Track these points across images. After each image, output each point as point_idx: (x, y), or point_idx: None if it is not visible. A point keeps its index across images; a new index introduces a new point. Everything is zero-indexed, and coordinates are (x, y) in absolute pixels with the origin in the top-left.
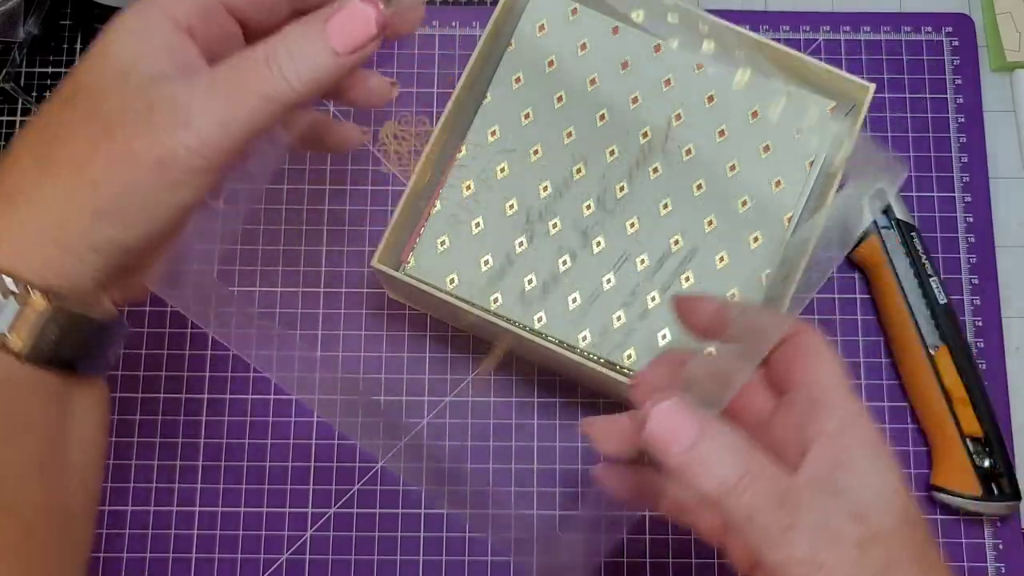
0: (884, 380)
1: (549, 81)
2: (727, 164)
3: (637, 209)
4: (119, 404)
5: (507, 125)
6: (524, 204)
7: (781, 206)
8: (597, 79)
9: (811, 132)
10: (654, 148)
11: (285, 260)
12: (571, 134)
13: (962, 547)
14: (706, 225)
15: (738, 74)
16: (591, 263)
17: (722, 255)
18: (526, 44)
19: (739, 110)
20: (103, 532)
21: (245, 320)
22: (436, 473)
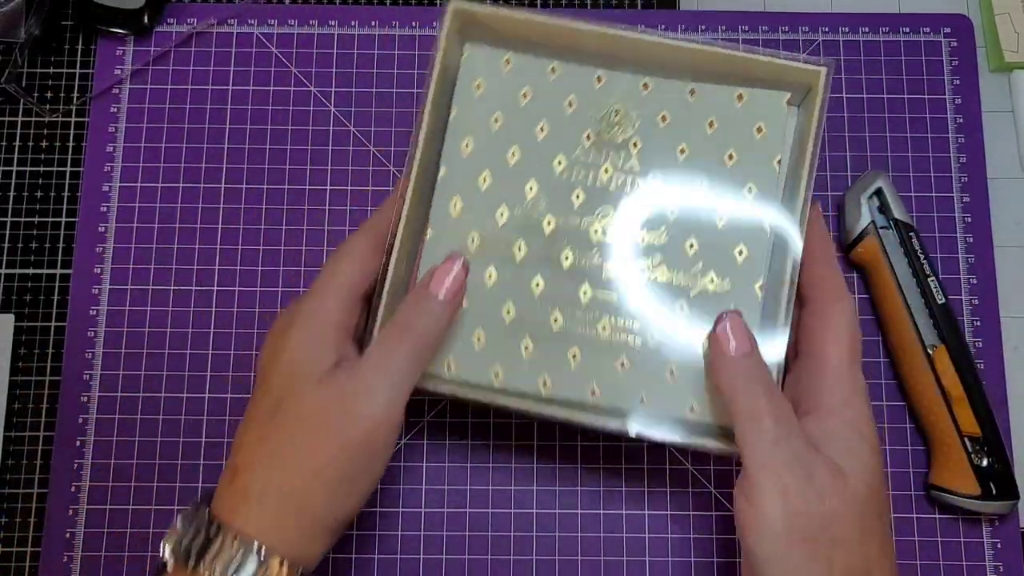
0: (882, 380)
1: (499, 139)
2: (694, 182)
3: (617, 250)
4: (119, 404)
5: (468, 194)
6: (502, 270)
7: (758, 212)
8: (546, 125)
9: (772, 129)
10: (619, 183)
11: (286, 260)
12: (532, 188)
13: (960, 546)
14: (687, 249)
15: (685, 86)
16: (583, 313)
17: (711, 276)
18: (467, 107)
19: (695, 124)
20: (104, 532)
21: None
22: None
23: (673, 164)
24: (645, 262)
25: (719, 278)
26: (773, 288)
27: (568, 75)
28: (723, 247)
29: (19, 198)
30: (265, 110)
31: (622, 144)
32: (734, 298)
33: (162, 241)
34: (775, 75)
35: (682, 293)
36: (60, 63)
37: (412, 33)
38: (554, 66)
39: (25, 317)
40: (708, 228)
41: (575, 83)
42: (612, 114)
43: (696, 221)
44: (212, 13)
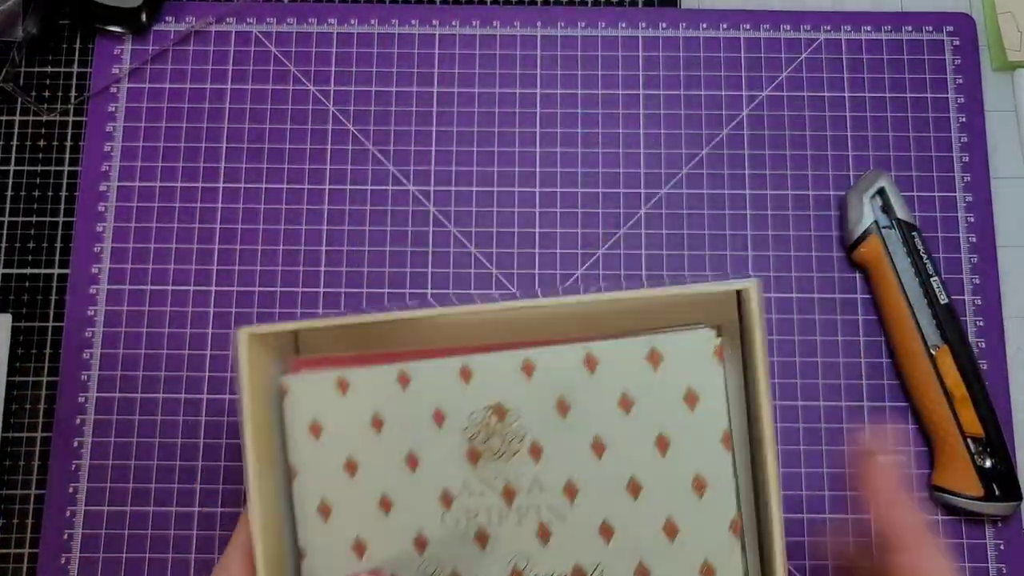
0: (885, 380)
1: (361, 490)
2: (624, 485)
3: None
4: (119, 404)
5: (343, 572)
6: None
7: (716, 509)
8: (415, 454)
9: (706, 391)
10: (526, 510)
11: (284, 260)
12: (421, 539)
13: (963, 547)
14: (635, 570)
15: (577, 355)
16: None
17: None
18: (309, 461)
19: (604, 404)
20: (103, 532)
21: None
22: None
23: (590, 468)
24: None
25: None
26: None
27: (424, 378)
28: (679, 557)
29: (17, 197)
30: (264, 109)
31: (513, 456)
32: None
33: (160, 241)
34: (691, 308)
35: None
36: (58, 62)
37: (411, 31)
38: (403, 371)
39: (23, 317)
40: (658, 550)
41: (435, 386)
42: (490, 418)
43: (638, 545)
44: (210, 11)
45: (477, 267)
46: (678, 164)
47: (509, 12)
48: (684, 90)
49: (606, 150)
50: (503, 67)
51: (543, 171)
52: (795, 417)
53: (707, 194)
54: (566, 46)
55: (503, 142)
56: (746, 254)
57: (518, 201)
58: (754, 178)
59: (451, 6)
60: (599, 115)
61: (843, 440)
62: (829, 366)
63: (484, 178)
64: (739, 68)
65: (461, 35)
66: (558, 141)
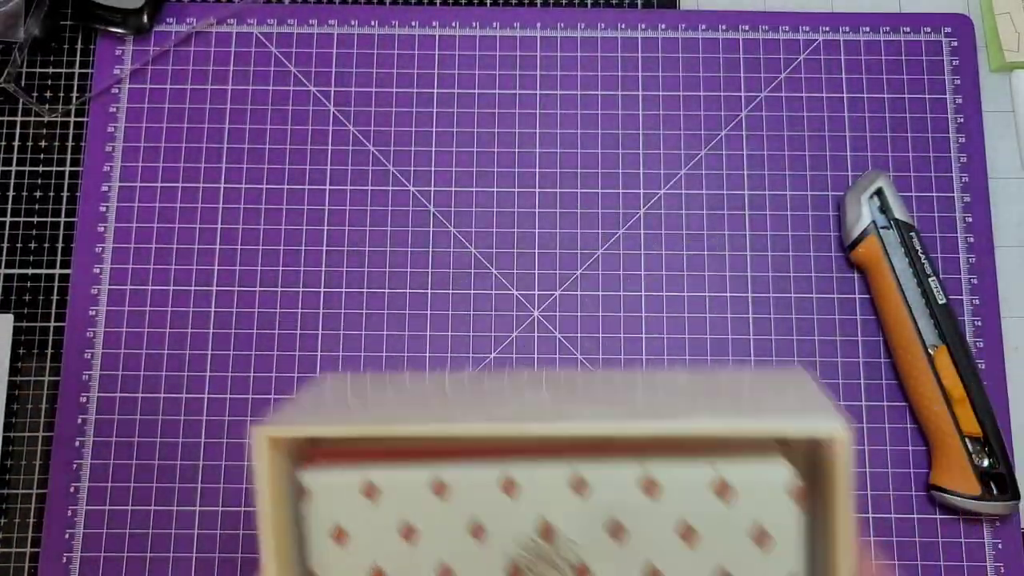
0: (883, 380)
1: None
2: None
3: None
4: (120, 403)
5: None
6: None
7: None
8: (451, 569)
9: (778, 532)
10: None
11: (285, 260)
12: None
13: (961, 547)
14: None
15: (637, 475)
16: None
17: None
18: (331, 567)
19: (663, 534)
20: (103, 532)
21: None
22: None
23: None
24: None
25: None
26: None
27: (463, 486)
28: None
29: (18, 198)
30: (264, 110)
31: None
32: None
33: (161, 241)
34: (761, 440)
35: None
36: (59, 63)
37: (411, 33)
38: (438, 477)
39: (24, 317)
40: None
41: (476, 496)
42: (538, 540)
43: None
44: (211, 13)
45: (477, 267)
46: (677, 165)
47: (509, 14)
48: (683, 91)
49: (605, 151)
50: (503, 68)
51: (543, 171)
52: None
53: (706, 195)
54: (565, 47)
55: (503, 143)
56: (745, 254)
57: (518, 201)
58: (753, 178)
59: (451, 8)
60: (598, 116)
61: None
62: (827, 366)
63: (484, 179)
64: (738, 69)
65: (461, 36)
66: (558, 142)
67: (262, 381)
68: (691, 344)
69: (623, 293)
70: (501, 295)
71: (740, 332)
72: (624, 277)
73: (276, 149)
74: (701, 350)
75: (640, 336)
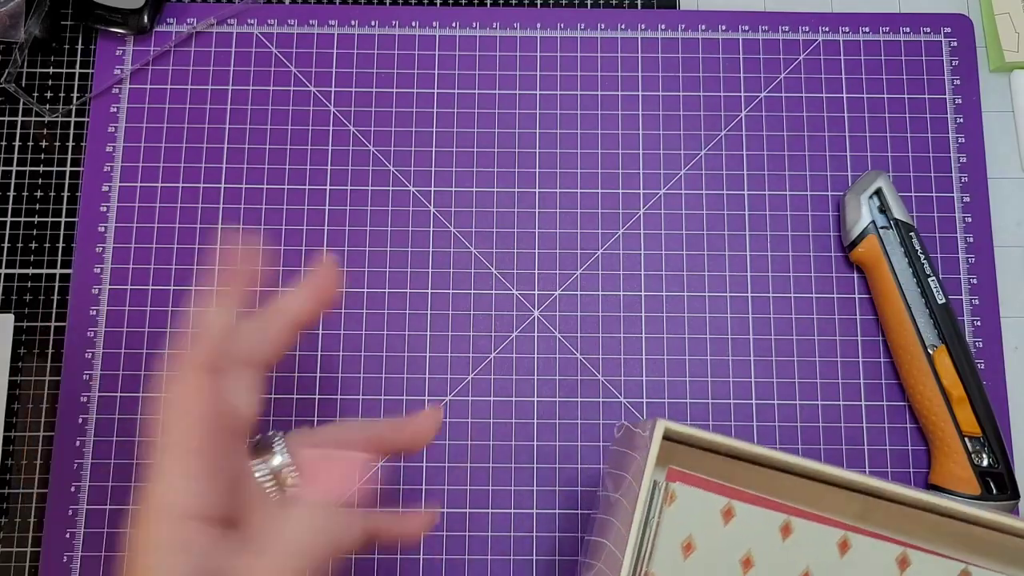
0: (883, 380)
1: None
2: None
3: None
4: (120, 404)
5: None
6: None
7: None
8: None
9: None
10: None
11: (286, 260)
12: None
13: None
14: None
15: (955, 568)
16: None
17: None
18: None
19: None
20: (104, 531)
21: None
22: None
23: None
24: None
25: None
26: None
27: (804, 536)
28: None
29: (19, 198)
30: (265, 110)
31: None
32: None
33: (162, 241)
34: (1013, 545)
35: None
36: (60, 63)
37: (412, 33)
38: (787, 523)
39: (25, 317)
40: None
41: (813, 548)
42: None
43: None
44: (212, 13)
45: (477, 267)
46: (677, 165)
47: (509, 14)
48: (683, 91)
49: (605, 151)
50: (503, 68)
51: (543, 172)
52: (793, 417)
53: (706, 195)
54: (565, 48)
55: (503, 143)
56: (744, 254)
57: (518, 202)
58: (752, 178)
59: (451, 8)
60: (598, 116)
61: (841, 439)
62: (827, 366)
63: (484, 179)
64: (737, 69)
65: (461, 37)
66: (557, 142)
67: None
68: (691, 344)
69: (623, 293)
70: (501, 295)
71: (740, 332)
72: (624, 277)
73: (276, 149)
74: (701, 350)
75: (640, 336)
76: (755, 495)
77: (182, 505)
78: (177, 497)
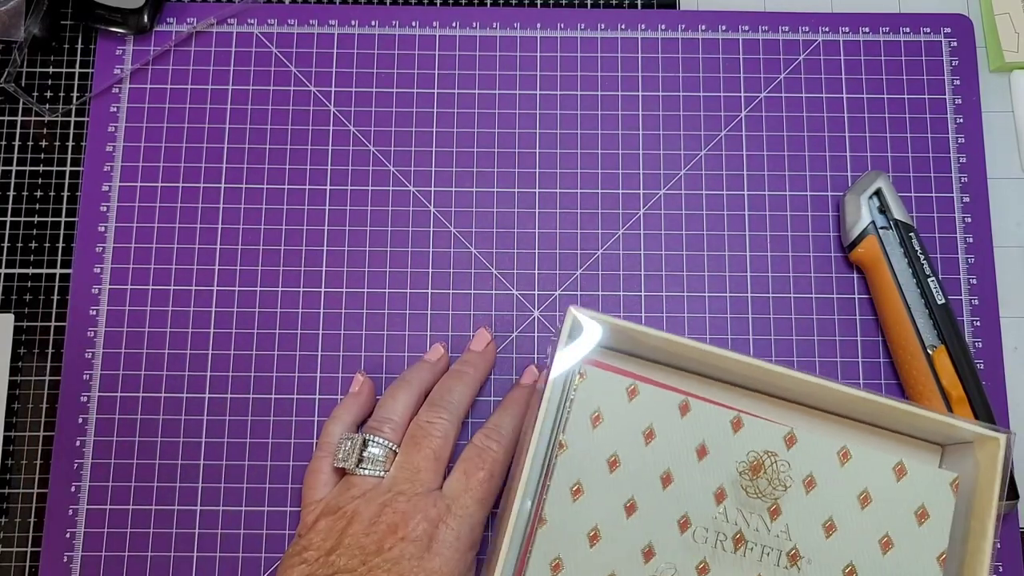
0: (883, 380)
1: (614, 485)
2: (842, 568)
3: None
4: (119, 404)
5: (571, 552)
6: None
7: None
8: (671, 473)
9: (935, 514)
10: (750, 558)
11: (286, 260)
12: (650, 550)
13: None
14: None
15: (836, 446)
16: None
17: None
18: (580, 442)
19: (845, 495)
20: (104, 532)
21: None
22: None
23: (818, 543)
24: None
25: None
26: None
27: (701, 414)
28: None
29: (19, 198)
30: (265, 110)
31: (758, 507)
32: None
33: (162, 241)
34: (937, 433)
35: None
36: (60, 62)
37: (412, 32)
38: (686, 402)
39: (25, 317)
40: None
41: (707, 427)
42: (755, 466)
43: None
44: (212, 12)
45: (477, 267)
46: (677, 165)
47: (509, 14)
48: (683, 91)
49: (605, 151)
50: (503, 68)
51: (543, 172)
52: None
53: (705, 195)
54: (565, 48)
55: (503, 143)
56: (744, 254)
57: (518, 202)
58: (752, 179)
59: (451, 8)
60: (598, 116)
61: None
62: (827, 366)
63: (484, 179)
64: (737, 69)
65: (461, 37)
66: (557, 142)
67: (262, 381)
68: None
69: (623, 293)
70: (501, 295)
71: (740, 332)
72: (624, 277)
73: (276, 149)
74: None
75: None
76: (659, 381)
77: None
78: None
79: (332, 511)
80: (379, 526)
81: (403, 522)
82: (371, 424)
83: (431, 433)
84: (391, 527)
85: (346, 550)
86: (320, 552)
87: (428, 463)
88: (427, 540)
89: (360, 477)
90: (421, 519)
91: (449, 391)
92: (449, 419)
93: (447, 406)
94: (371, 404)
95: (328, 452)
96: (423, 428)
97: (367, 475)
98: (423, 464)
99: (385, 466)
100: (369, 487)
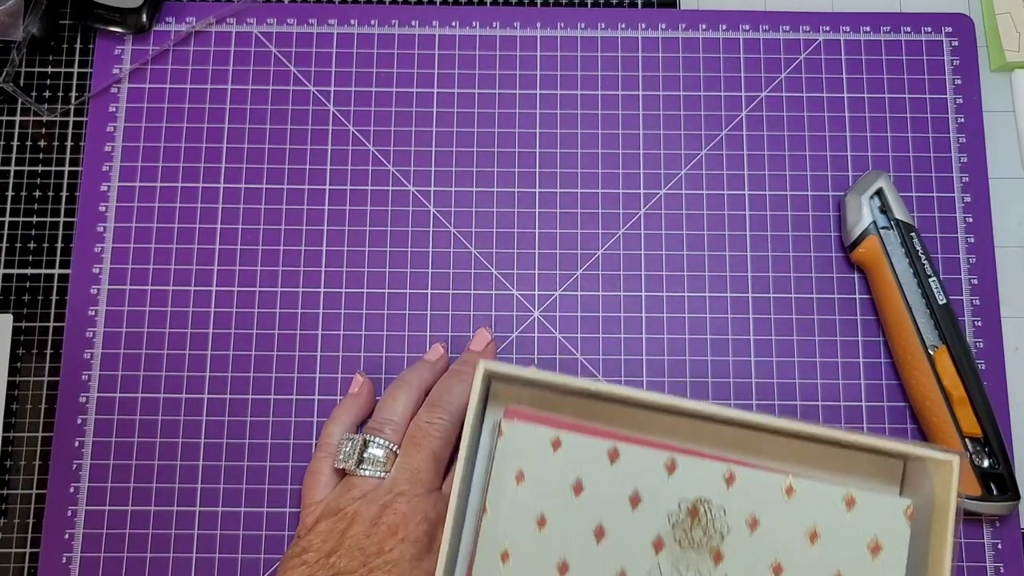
0: (884, 380)
1: (543, 546)
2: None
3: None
4: (119, 404)
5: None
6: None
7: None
8: (605, 527)
9: (890, 546)
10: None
11: (285, 260)
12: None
13: (961, 547)
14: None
15: (781, 481)
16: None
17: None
18: (504, 504)
19: (793, 532)
20: (103, 532)
21: None
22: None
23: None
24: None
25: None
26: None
27: (632, 460)
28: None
29: (17, 198)
30: (264, 109)
31: (700, 555)
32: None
33: (161, 241)
34: (885, 466)
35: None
36: (58, 62)
37: (411, 32)
38: (615, 448)
39: (23, 317)
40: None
41: (641, 470)
42: (690, 512)
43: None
44: (211, 12)
45: (477, 267)
46: (677, 165)
47: (509, 13)
48: (683, 91)
49: (605, 151)
50: (503, 68)
51: (543, 172)
52: (794, 416)
53: (706, 195)
54: (566, 47)
55: (503, 143)
56: (745, 254)
57: (518, 202)
58: (753, 179)
59: (451, 7)
60: (598, 116)
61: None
62: (827, 366)
63: (484, 179)
64: (738, 69)
65: (461, 36)
66: (557, 142)
67: (262, 381)
68: (691, 344)
69: (623, 293)
70: (501, 295)
71: (740, 332)
72: (624, 277)
73: (276, 149)
74: (701, 350)
75: (640, 336)
76: (583, 425)
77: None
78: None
79: (333, 512)
80: (380, 527)
81: (403, 523)
82: (372, 425)
83: (430, 434)
84: (391, 528)
85: (347, 551)
86: (320, 554)
87: (428, 464)
88: (427, 541)
89: (361, 478)
90: (421, 520)
91: (448, 391)
92: (448, 419)
93: (446, 406)
94: (371, 405)
95: (328, 453)
96: (423, 429)
97: (368, 476)
98: (423, 465)
99: (386, 467)
100: (370, 488)
